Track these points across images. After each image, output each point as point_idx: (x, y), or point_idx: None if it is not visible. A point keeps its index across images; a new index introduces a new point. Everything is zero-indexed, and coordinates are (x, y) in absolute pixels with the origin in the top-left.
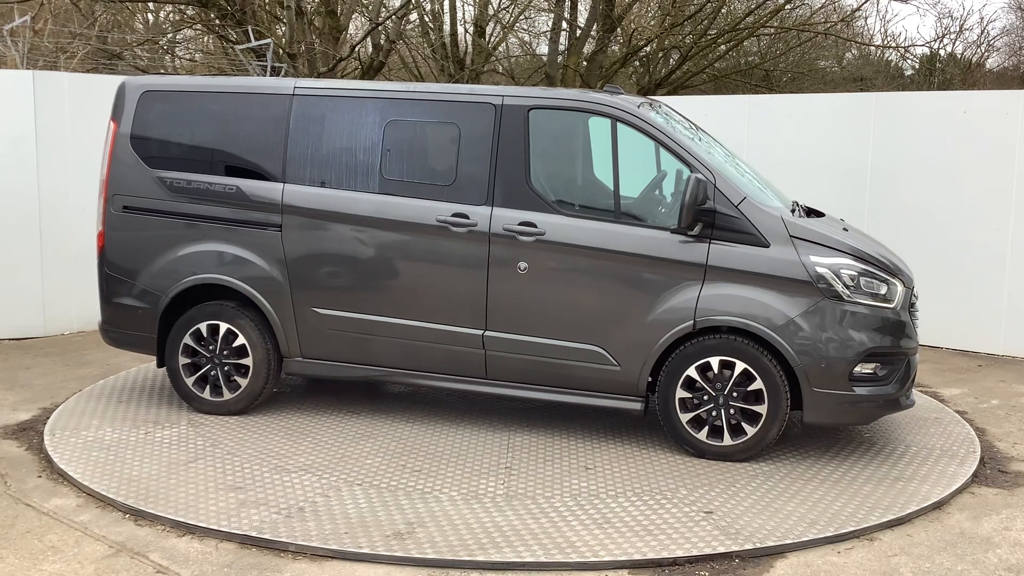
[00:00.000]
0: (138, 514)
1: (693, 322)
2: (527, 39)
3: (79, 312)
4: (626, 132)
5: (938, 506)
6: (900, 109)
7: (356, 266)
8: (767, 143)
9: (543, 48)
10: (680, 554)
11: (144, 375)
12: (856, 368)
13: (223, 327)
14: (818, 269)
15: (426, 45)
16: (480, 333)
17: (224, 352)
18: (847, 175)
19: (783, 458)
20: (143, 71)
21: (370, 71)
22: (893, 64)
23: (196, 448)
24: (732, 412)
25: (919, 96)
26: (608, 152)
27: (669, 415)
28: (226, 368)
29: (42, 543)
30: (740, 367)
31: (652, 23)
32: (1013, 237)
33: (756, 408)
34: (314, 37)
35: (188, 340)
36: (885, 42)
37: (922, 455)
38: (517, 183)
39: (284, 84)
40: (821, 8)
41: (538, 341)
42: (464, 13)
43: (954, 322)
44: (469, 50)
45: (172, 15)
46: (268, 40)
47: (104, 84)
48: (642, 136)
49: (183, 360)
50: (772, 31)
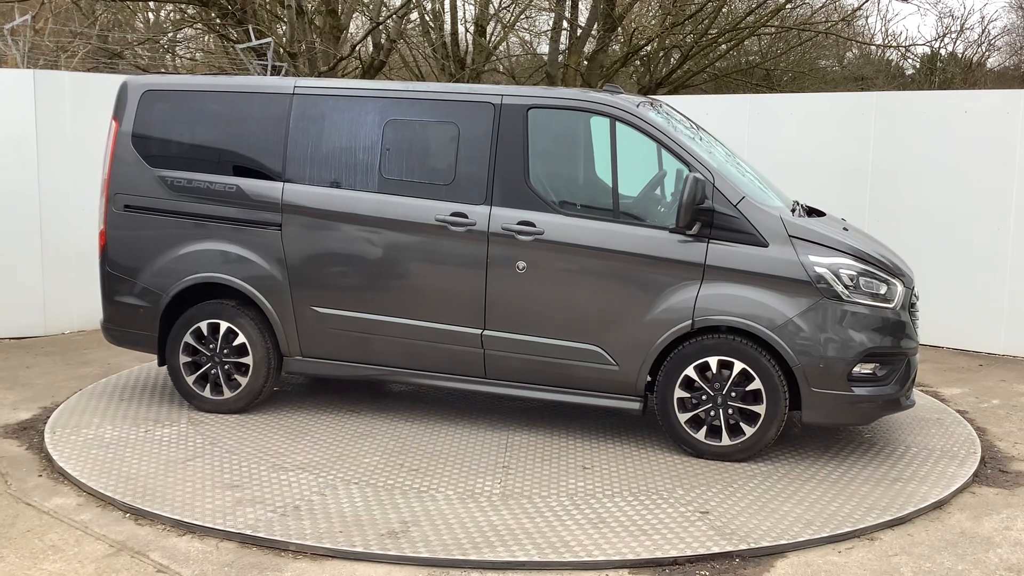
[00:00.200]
0: (138, 513)
1: (691, 322)
2: (528, 38)
3: (79, 311)
4: (625, 131)
5: (939, 506)
6: (901, 108)
7: (355, 265)
8: (768, 142)
9: (544, 47)
10: (674, 554)
11: (145, 374)
12: (855, 368)
13: (223, 326)
14: (817, 269)
15: (427, 44)
16: (479, 332)
17: (224, 351)
18: (848, 174)
19: (782, 458)
20: (144, 70)
21: (371, 70)
22: (894, 63)
23: (195, 446)
24: (730, 412)
25: (920, 96)
26: (607, 151)
27: (667, 415)
28: (226, 367)
29: (42, 542)
30: (738, 367)
31: (653, 22)
32: (1014, 236)
33: (754, 408)
34: (315, 36)
35: (189, 339)
36: (886, 41)
37: (922, 455)
38: (516, 182)
39: (284, 83)
40: (822, 7)
41: (537, 340)
42: (465, 12)
43: (955, 321)
44: (470, 49)
45: (173, 14)
46: (269, 39)
47: (105, 83)
48: (641, 135)
49: (184, 358)
50: (773, 30)
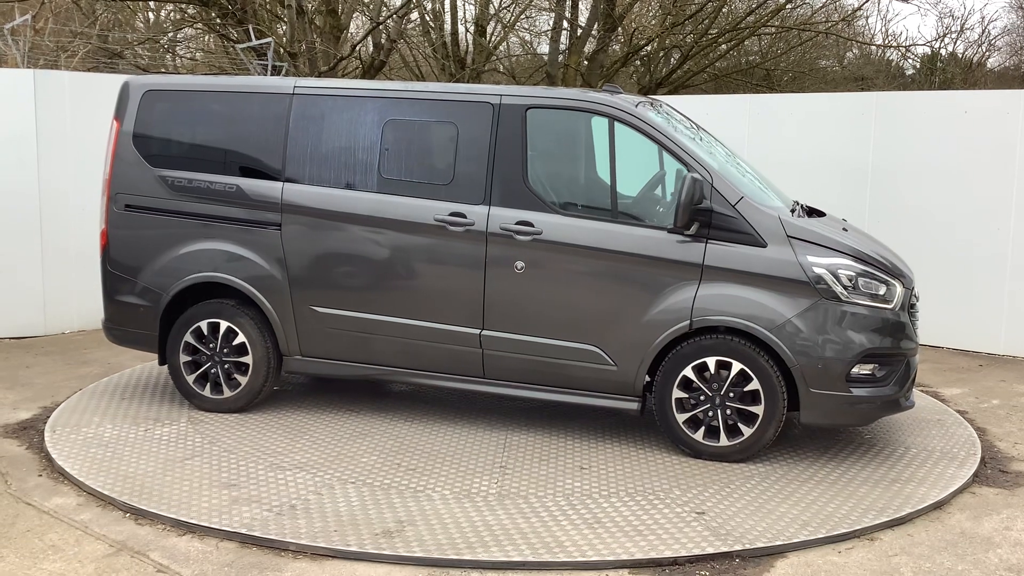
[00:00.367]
0: (138, 513)
1: (689, 322)
2: (528, 38)
3: (79, 311)
4: (624, 131)
5: (938, 506)
6: (901, 109)
7: (354, 265)
8: (768, 143)
9: (544, 47)
10: (669, 554)
11: (147, 373)
12: (854, 369)
13: (223, 325)
14: (816, 269)
15: (427, 44)
16: (477, 332)
17: (224, 350)
18: (848, 175)
19: (780, 459)
20: (144, 70)
21: (371, 70)
22: (894, 64)
23: (194, 445)
24: (728, 413)
25: (920, 96)
26: (606, 151)
27: (666, 415)
28: (226, 366)
29: (42, 542)
30: (737, 367)
31: (653, 22)
32: (1014, 237)
33: (752, 409)
34: (315, 36)
35: (189, 338)
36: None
37: (921, 456)
38: (514, 182)
39: (284, 83)
40: (822, 7)
41: (535, 340)
42: (465, 12)
43: (955, 321)
44: (470, 49)
45: (173, 14)
46: (269, 39)
47: (105, 83)
48: (640, 135)
49: (184, 358)
50: (773, 30)
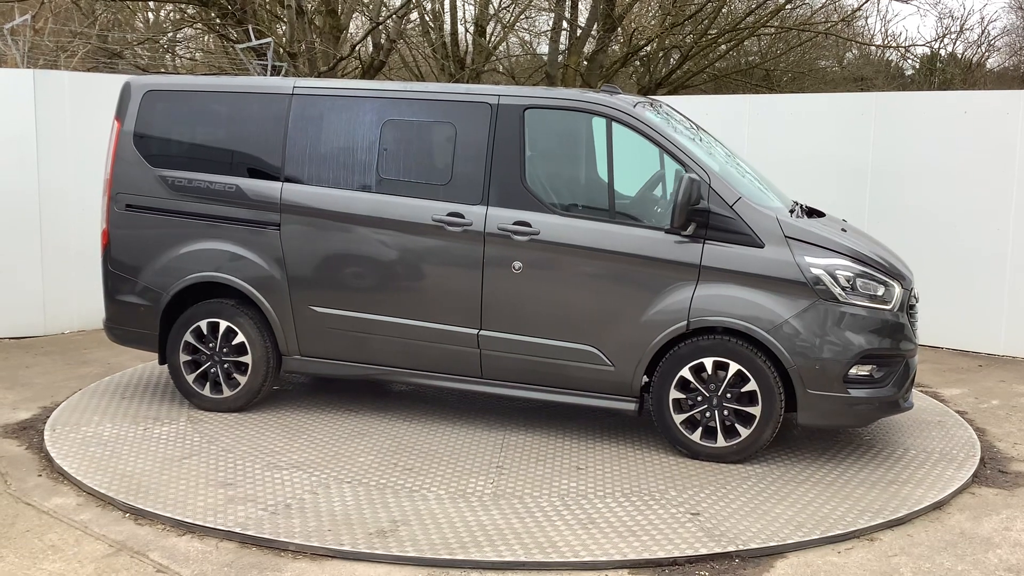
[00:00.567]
0: (138, 513)
1: (687, 323)
2: (527, 39)
3: (79, 311)
4: (622, 132)
5: (938, 506)
6: (900, 109)
7: (353, 265)
8: (767, 143)
9: (543, 48)
10: (662, 555)
11: (147, 373)
12: (851, 370)
13: (223, 325)
14: (813, 270)
15: (427, 44)
16: (475, 332)
17: (224, 350)
18: (847, 175)
19: (778, 460)
20: (143, 70)
21: (370, 70)
22: (893, 64)
23: (192, 444)
24: (726, 413)
25: (919, 96)
26: (604, 152)
27: (663, 416)
28: (226, 365)
29: (42, 542)
30: (734, 368)
31: (652, 23)
32: (1013, 237)
33: (750, 410)
34: (314, 36)
35: (189, 337)
36: (885, 42)
37: (921, 457)
38: (512, 183)
39: (283, 84)
40: (822, 8)
41: (532, 341)
42: (465, 12)
43: (954, 322)
44: (470, 49)
45: (173, 14)
46: (268, 39)
47: (104, 83)
48: (638, 136)
49: (184, 357)
50: (772, 31)
